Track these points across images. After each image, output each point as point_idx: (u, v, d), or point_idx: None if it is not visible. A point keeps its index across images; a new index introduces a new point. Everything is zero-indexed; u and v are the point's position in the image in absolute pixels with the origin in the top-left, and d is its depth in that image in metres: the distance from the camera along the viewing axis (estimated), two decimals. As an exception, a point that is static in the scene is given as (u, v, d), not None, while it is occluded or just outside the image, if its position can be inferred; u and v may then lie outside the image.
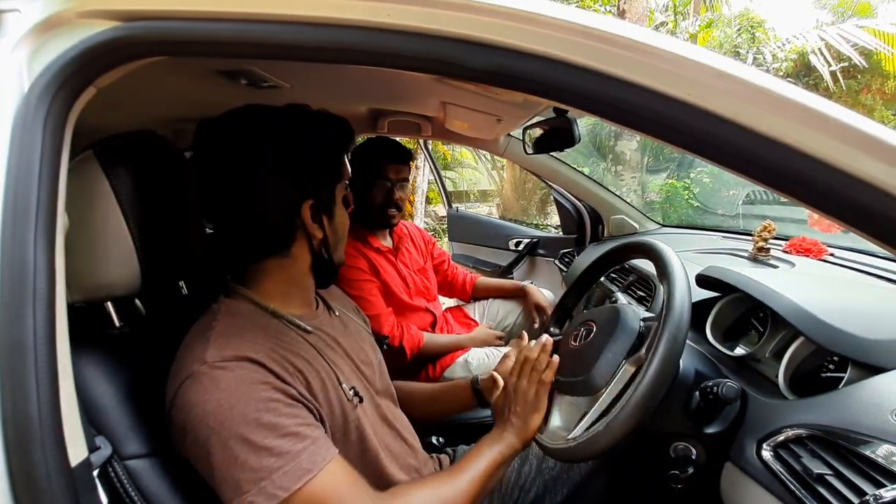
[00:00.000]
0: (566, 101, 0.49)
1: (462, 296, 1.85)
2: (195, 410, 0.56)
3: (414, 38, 0.49)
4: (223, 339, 0.62)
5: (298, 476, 0.55)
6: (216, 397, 0.56)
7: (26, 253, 0.44)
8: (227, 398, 0.56)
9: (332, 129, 0.72)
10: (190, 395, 0.57)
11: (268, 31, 0.50)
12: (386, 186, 1.45)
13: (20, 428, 0.41)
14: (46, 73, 0.50)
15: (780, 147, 0.43)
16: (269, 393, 0.58)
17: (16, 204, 0.45)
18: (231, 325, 0.65)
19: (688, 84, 0.45)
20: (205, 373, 0.58)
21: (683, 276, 0.68)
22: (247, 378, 0.58)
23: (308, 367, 0.66)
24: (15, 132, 0.47)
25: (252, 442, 0.55)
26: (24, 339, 0.42)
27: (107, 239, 0.65)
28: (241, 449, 0.55)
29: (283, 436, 0.56)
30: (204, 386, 0.57)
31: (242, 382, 0.58)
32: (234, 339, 0.62)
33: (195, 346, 0.62)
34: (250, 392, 0.57)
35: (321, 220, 0.71)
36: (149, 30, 0.51)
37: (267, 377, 0.60)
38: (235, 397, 0.57)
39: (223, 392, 0.57)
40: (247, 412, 0.56)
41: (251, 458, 0.55)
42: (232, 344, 0.61)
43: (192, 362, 0.59)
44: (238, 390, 0.57)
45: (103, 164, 0.64)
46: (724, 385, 0.64)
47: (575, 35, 0.46)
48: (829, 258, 1.14)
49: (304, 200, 0.68)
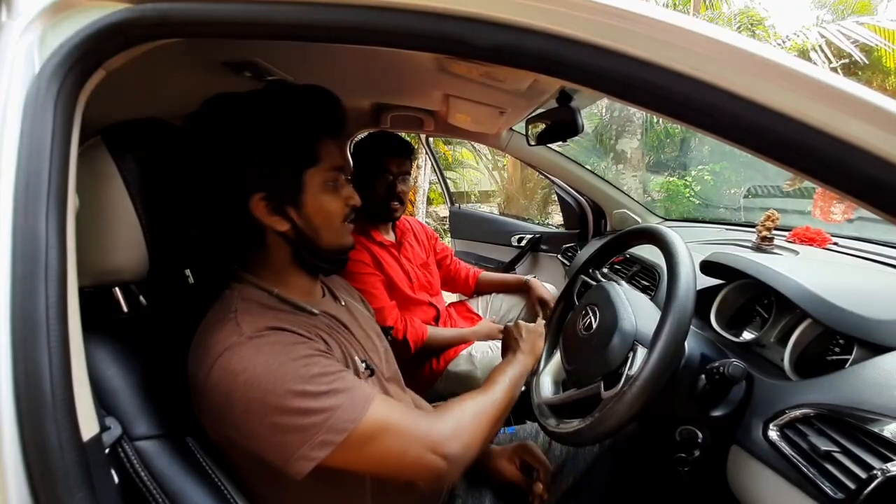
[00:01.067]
0: (574, 79, 0.49)
1: (465, 290, 1.85)
2: (243, 376, 0.57)
3: (422, 16, 0.49)
4: (250, 316, 0.63)
5: (361, 406, 0.59)
6: (263, 360, 0.58)
7: (38, 229, 0.44)
8: (273, 359, 0.58)
9: (299, 113, 0.68)
10: (233, 364, 0.57)
11: (277, 11, 0.51)
12: (388, 180, 1.46)
13: (33, 400, 0.41)
14: (57, 54, 0.50)
15: (791, 122, 0.43)
16: (308, 350, 0.61)
17: (28, 181, 0.45)
18: (250, 307, 0.66)
19: (695, 59, 0.45)
20: (244, 342, 0.59)
21: (687, 256, 0.68)
22: (284, 341, 0.61)
23: (328, 338, 0.69)
24: (27, 112, 0.48)
25: (309, 391, 0.57)
26: (37, 313, 0.42)
27: (115, 223, 0.65)
28: (302, 399, 0.57)
29: (334, 380, 0.60)
30: (248, 353, 0.58)
31: (284, 345, 0.60)
32: (260, 316, 0.64)
33: (224, 326, 0.62)
34: (293, 351, 0.60)
35: (284, 211, 0.68)
36: (159, 11, 0.51)
37: (300, 339, 0.62)
38: (282, 356, 0.58)
39: (268, 355, 0.58)
40: (297, 367, 0.58)
41: (313, 404, 0.57)
42: (260, 320, 0.63)
43: (228, 336, 0.60)
44: (283, 351, 0.59)
45: (111, 149, 0.65)
46: (730, 364, 0.64)
47: (582, 11, 0.46)
48: (833, 247, 1.14)
49: (251, 195, 0.66)
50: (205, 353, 0.60)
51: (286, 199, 0.68)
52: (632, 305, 0.78)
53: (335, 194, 0.72)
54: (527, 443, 0.94)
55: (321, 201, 0.70)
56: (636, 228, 0.88)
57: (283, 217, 0.68)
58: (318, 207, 0.70)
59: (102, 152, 0.64)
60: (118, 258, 0.66)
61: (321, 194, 0.70)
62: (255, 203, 0.66)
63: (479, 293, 1.86)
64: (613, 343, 0.73)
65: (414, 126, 1.73)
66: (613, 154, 5.93)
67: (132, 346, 0.66)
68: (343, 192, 0.73)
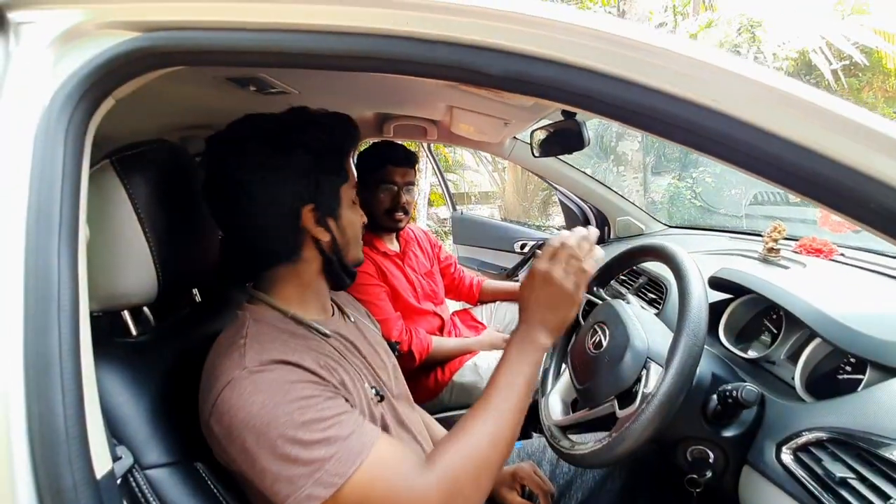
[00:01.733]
0: (586, 107, 0.49)
1: (469, 299, 1.85)
2: (240, 414, 0.56)
3: (434, 45, 0.49)
4: (258, 344, 0.63)
5: (351, 460, 0.56)
6: (260, 399, 0.57)
7: (51, 265, 0.44)
8: (270, 399, 0.57)
9: (331, 132, 0.71)
10: (233, 399, 0.57)
11: (288, 40, 0.50)
12: (392, 190, 1.46)
13: (47, 441, 0.41)
14: (67, 84, 0.50)
15: (806, 152, 0.43)
16: (309, 390, 0.60)
17: (39, 217, 0.45)
18: (261, 332, 0.65)
19: (712, 90, 0.45)
20: (245, 377, 0.58)
21: (697, 274, 0.68)
22: (286, 378, 0.59)
23: (338, 366, 0.68)
24: (37, 144, 0.47)
25: (300, 439, 0.56)
26: (50, 352, 0.42)
27: (124, 248, 0.65)
28: (292, 447, 0.55)
29: (329, 426, 0.58)
30: (247, 390, 0.57)
31: (283, 383, 0.59)
32: (268, 344, 0.63)
33: (232, 354, 0.62)
34: (292, 391, 0.58)
35: (326, 222, 0.71)
36: (169, 40, 0.51)
37: (304, 375, 0.61)
38: (279, 397, 0.57)
39: (265, 394, 0.57)
40: (291, 410, 0.57)
41: (303, 454, 0.55)
42: (267, 349, 0.62)
43: (232, 369, 0.59)
44: (280, 390, 0.58)
45: (120, 174, 0.65)
46: (744, 389, 0.63)
47: (594, 40, 0.46)
48: (840, 258, 1.13)
49: (303, 206, 0.68)
50: (211, 383, 0.61)
51: (328, 211, 0.71)
52: (641, 323, 0.78)
53: (355, 208, 0.76)
54: (523, 467, 0.92)
55: (351, 216, 0.74)
56: (641, 246, 0.87)
57: (325, 228, 0.71)
58: (350, 221, 0.74)
59: (111, 177, 0.64)
60: (128, 282, 0.66)
61: (351, 209, 0.75)
62: (305, 213, 0.69)
63: (482, 302, 1.86)
64: (626, 361, 0.73)
65: (417, 135, 1.73)
66: (614, 156, 5.93)
67: (140, 370, 0.66)
68: (358, 208, 0.77)
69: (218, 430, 0.58)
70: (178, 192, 0.73)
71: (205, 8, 0.50)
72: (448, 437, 0.65)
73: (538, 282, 0.68)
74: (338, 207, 0.72)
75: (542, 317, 0.67)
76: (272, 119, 0.70)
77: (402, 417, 0.81)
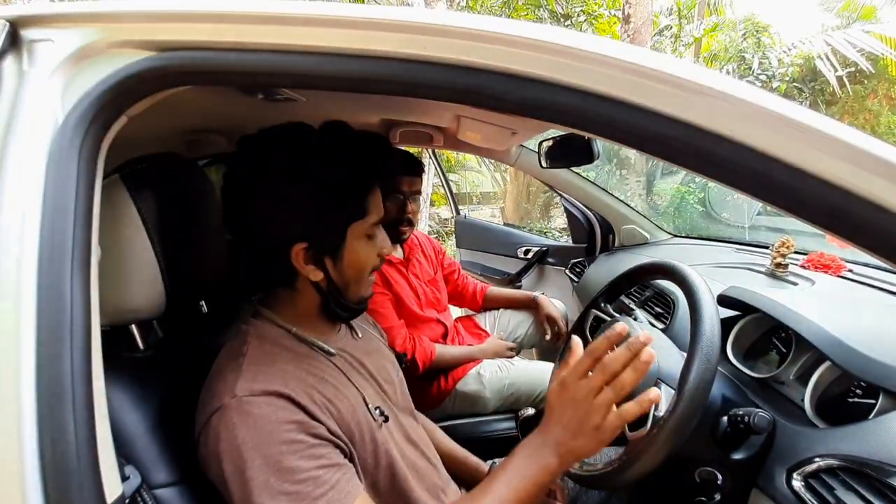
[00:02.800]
0: (605, 135, 0.48)
1: (472, 306, 1.85)
2: (222, 445, 0.57)
3: (451, 70, 0.49)
4: (255, 367, 0.62)
5: None
6: (242, 434, 0.56)
7: (63, 289, 0.44)
8: (252, 436, 0.56)
9: (352, 167, 0.65)
10: (219, 428, 0.57)
11: (303, 62, 0.50)
12: (399, 200, 1.44)
13: (59, 470, 0.41)
14: (81, 104, 0.49)
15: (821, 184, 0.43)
16: (294, 434, 0.58)
17: (53, 240, 0.44)
18: (262, 352, 0.65)
19: (729, 119, 0.44)
20: (234, 406, 0.58)
21: (712, 303, 0.67)
22: (273, 417, 0.58)
23: (336, 394, 0.66)
24: (50, 166, 0.47)
25: (271, 486, 0.55)
26: (63, 378, 0.42)
27: (133, 263, 0.65)
28: (260, 492, 0.55)
29: (301, 481, 0.56)
30: (233, 421, 0.57)
31: (269, 421, 0.57)
32: (265, 368, 0.62)
33: (227, 375, 0.61)
34: (276, 432, 0.57)
35: (321, 261, 0.67)
36: (183, 60, 0.51)
37: (294, 415, 0.59)
38: (261, 436, 0.56)
39: (249, 430, 0.56)
40: (270, 453, 0.56)
41: (267, 502, 0.55)
42: (262, 374, 0.61)
43: (223, 393, 0.59)
44: (265, 429, 0.57)
45: (130, 188, 0.64)
46: (756, 415, 0.63)
47: (614, 69, 0.45)
48: (848, 274, 1.13)
49: (294, 243, 0.64)
50: (205, 404, 0.60)
51: (326, 250, 0.66)
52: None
53: (371, 245, 0.70)
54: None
55: (358, 254, 0.68)
56: (652, 264, 0.87)
57: (320, 267, 0.67)
58: (353, 260, 0.68)
59: (121, 192, 0.64)
60: (136, 297, 0.66)
61: (360, 247, 0.68)
62: (295, 252, 0.64)
63: (486, 309, 1.85)
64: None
65: (423, 141, 1.71)
66: (617, 159, 5.92)
67: (148, 385, 0.65)
68: (378, 242, 0.71)
69: (203, 452, 0.59)
70: (187, 206, 0.72)
71: (218, 29, 0.50)
72: None
73: (566, 397, 0.60)
74: (340, 247, 0.67)
75: (560, 436, 0.59)
76: (298, 138, 0.65)
77: (408, 432, 0.80)
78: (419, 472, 0.77)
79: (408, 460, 0.75)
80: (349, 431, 0.65)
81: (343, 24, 0.48)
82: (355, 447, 0.65)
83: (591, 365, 0.59)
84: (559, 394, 0.60)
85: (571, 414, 0.59)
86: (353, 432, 0.65)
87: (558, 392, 0.61)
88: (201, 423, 0.59)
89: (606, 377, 0.57)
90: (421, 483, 0.76)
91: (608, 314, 0.93)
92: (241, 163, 0.67)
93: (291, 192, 0.63)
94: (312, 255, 0.65)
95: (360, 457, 0.66)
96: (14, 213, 0.45)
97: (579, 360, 0.60)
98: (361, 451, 0.66)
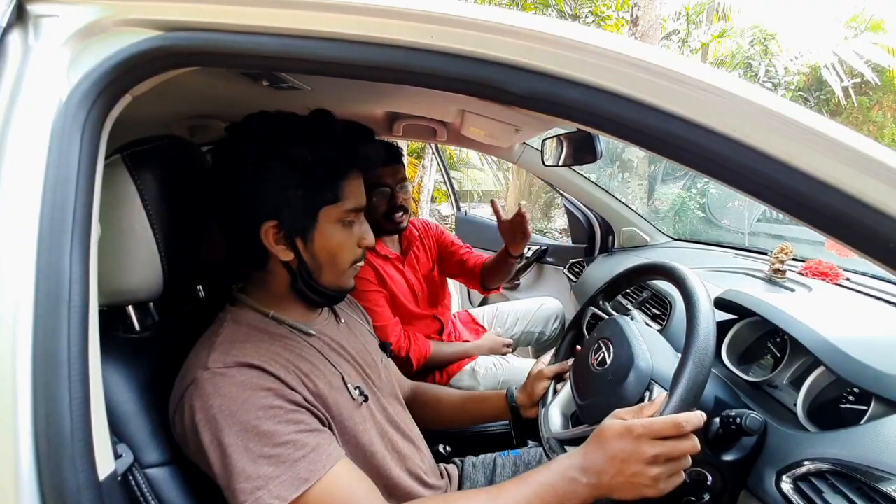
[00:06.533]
0: (612, 132, 0.48)
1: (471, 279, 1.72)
2: (197, 416, 0.57)
3: (456, 60, 0.49)
4: (227, 344, 0.63)
5: (295, 486, 0.56)
6: (217, 403, 0.57)
7: (62, 264, 0.44)
8: (227, 404, 0.57)
9: (328, 150, 0.66)
10: (193, 400, 0.58)
11: (309, 47, 0.50)
12: (386, 193, 1.41)
13: (52, 443, 0.41)
14: (85, 81, 0.49)
15: (828, 189, 0.43)
16: (270, 399, 0.59)
17: (53, 216, 0.44)
18: (236, 332, 0.65)
19: (735, 119, 0.44)
20: (207, 378, 0.58)
21: (709, 308, 0.67)
22: (248, 384, 0.59)
23: (313, 370, 0.67)
24: (53, 141, 0.47)
25: (250, 450, 0.55)
26: (59, 353, 0.42)
27: (132, 243, 0.65)
28: (240, 457, 0.55)
29: (280, 444, 0.57)
30: (206, 392, 0.57)
31: (244, 388, 0.58)
32: (238, 345, 0.63)
33: (200, 353, 0.62)
34: (251, 399, 0.58)
35: (292, 242, 0.67)
36: (189, 41, 0.51)
37: (269, 382, 0.60)
38: (236, 404, 0.57)
39: (224, 398, 0.57)
40: (247, 419, 0.56)
41: (248, 467, 0.55)
42: (235, 349, 0.62)
43: (195, 368, 0.60)
44: (239, 396, 0.57)
45: (130, 169, 0.64)
46: (748, 416, 0.63)
47: (624, 66, 0.45)
48: (846, 283, 1.13)
49: (264, 220, 0.65)
50: (179, 382, 0.61)
51: (296, 230, 0.67)
52: (646, 342, 0.78)
53: (347, 232, 0.71)
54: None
55: (331, 239, 0.69)
56: (651, 265, 0.87)
57: (290, 247, 0.68)
58: (325, 245, 0.69)
59: (122, 172, 0.64)
60: (135, 278, 0.66)
61: (333, 232, 0.69)
62: (265, 230, 0.66)
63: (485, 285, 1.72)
64: (629, 381, 0.72)
65: (426, 136, 1.71)
66: (619, 162, 5.92)
67: (143, 366, 0.66)
68: (356, 231, 0.72)
69: (180, 430, 0.59)
70: (187, 189, 0.72)
71: (226, 11, 0.50)
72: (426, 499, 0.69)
73: (628, 447, 0.58)
74: (311, 228, 0.67)
75: (603, 471, 0.59)
76: (281, 121, 0.68)
77: (391, 415, 0.81)
78: (400, 454, 0.78)
79: (388, 441, 0.76)
80: (325, 405, 0.66)
81: (349, 10, 0.48)
82: (333, 420, 0.66)
83: (670, 433, 0.58)
84: (620, 437, 0.59)
85: (624, 464, 0.58)
86: (331, 407, 0.66)
87: (620, 435, 0.59)
88: (175, 401, 0.60)
89: (672, 455, 0.58)
90: (401, 464, 0.77)
91: (606, 312, 0.94)
92: (225, 143, 0.69)
93: (264, 170, 0.64)
94: (283, 234, 0.67)
95: (337, 431, 0.67)
96: (16, 187, 0.45)
97: (663, 422, 0.58)
98: (338, 423, 0.67)
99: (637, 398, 0.70)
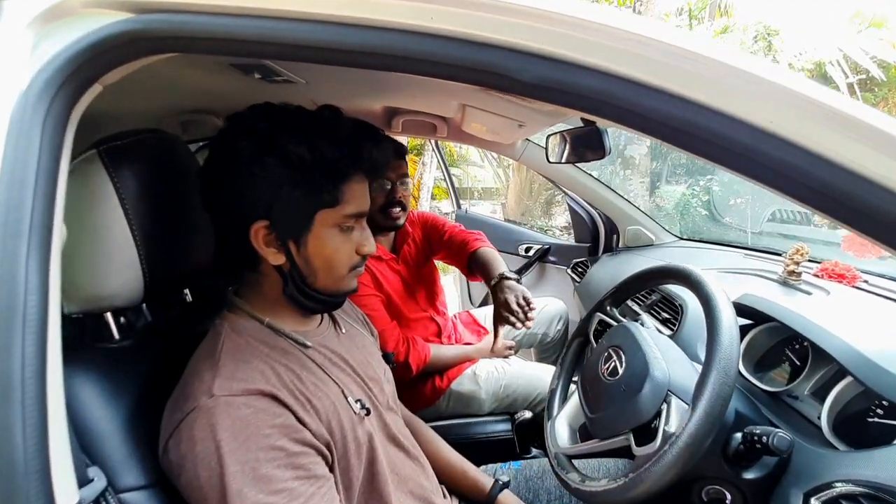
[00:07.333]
0: (628, 124, 0.43)
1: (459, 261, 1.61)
2: (198, 447, 0.53)
3: (459, 44, 0.44)
4: (232, 364, 0.58)
5: None
6: (222, 437, 0.52)
7: (16, 274, 0.39)
8: (232, 438, 0.53)
9: (328, 150, 0.61)
10: (195, 430, 0.53)
11: (294, 29, 0.45)
12: (386, 188, 1.36)
13: (3, 477, 0.36)
14: (48, 68, 0.44)
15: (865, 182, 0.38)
16: (274, 439, 0.55)
17: (7, 219, 0.40)
18: (238, 347, 0.61)
19: (771, 110, 0.40)
20: (211, 407, 0.54)
21: (731, 314, 0.63)
22: (254, 420, 0.55)
23: (316, 392, 0.63)
24: (11, 133, 0.42)
25: (244, 495, 0.52)
26: (11, 374, 0.37)
27: (109, 245, 0.60)
28: (235, 499, 0.52)
29: (275, 491, 0.53)
30: (211, 422, 0.53)
31: (249, 424, 0.54)
32: (243, 365, 0.58)
33: (203, 373, 0.57)
34: (255, 435, 0.54)
35: (285, 244, 0.63)
36: (164, 24, 0.46)
37: (276, 417, 0.56)
38: (238, 441, 0.53)
39: (228, 431, 0.53)
40: (247, 458, 0.53)
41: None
42: (241, 371, 0.57)
43: (200, 393, 0.55)
44: (243, 432, 0.53)
45: (107, 165, 0.59)
46: (776, 436, 0.59)
47: (653, 51, 0.40)
48: (864, 285, 1.08)
49: (255, 220, 0.61)
50: (179, 403, 0.57)
51: (288, 233, 0.63)
52: (660, 350, 0.73)
53: (345, 238, 0.66)
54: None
55: (327, 245, 0.65)
56: (664, 268, 0.82)
57: (281, 250, 0.63)
58: (320, 250, 0.64)
59: (97, 168, 0.59)
60: (112, 283, 0.61)
61: (329, 237, 0.64)
62: (254, 230, 0.61)
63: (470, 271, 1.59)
64: (644, 392, 0.68)
65: (426, 131, 1.67)
66: (621, 159, 5.86)
67: (120, 380, 0.61)
68: (355, 237, 0.67)
69: (174, 457, 0.55)
70: (170, 186, 0.67)
71: (204, -11, 0.45)
72: None
73: None
74: (305, 232, 0.63)
75: None
76: (283, 115, 0.63)
77: (391, 430, 0.77)
78: (400, 476, 0.74)
79: (389, 460, 0.72)
80: (329, 428, 0.62)
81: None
82: (335, 445, 0.62)
83: None
84: None
85: None
86: (334, 430, 0.62)
87: None
88: (172, 425, 0.55)
89: None
90: (402, 486, 0.73)
91: (614, 318, 0.89)
92: (221, 135, 0.63)
93: (258, 166, 0.60)
94: (275, 236, 0.62)
95: (339, 455, 0.63)
96: (-34, 185, 0.40)
97: None
98: (341, 447, 0.63)
99: (654, 411, 0.66)
